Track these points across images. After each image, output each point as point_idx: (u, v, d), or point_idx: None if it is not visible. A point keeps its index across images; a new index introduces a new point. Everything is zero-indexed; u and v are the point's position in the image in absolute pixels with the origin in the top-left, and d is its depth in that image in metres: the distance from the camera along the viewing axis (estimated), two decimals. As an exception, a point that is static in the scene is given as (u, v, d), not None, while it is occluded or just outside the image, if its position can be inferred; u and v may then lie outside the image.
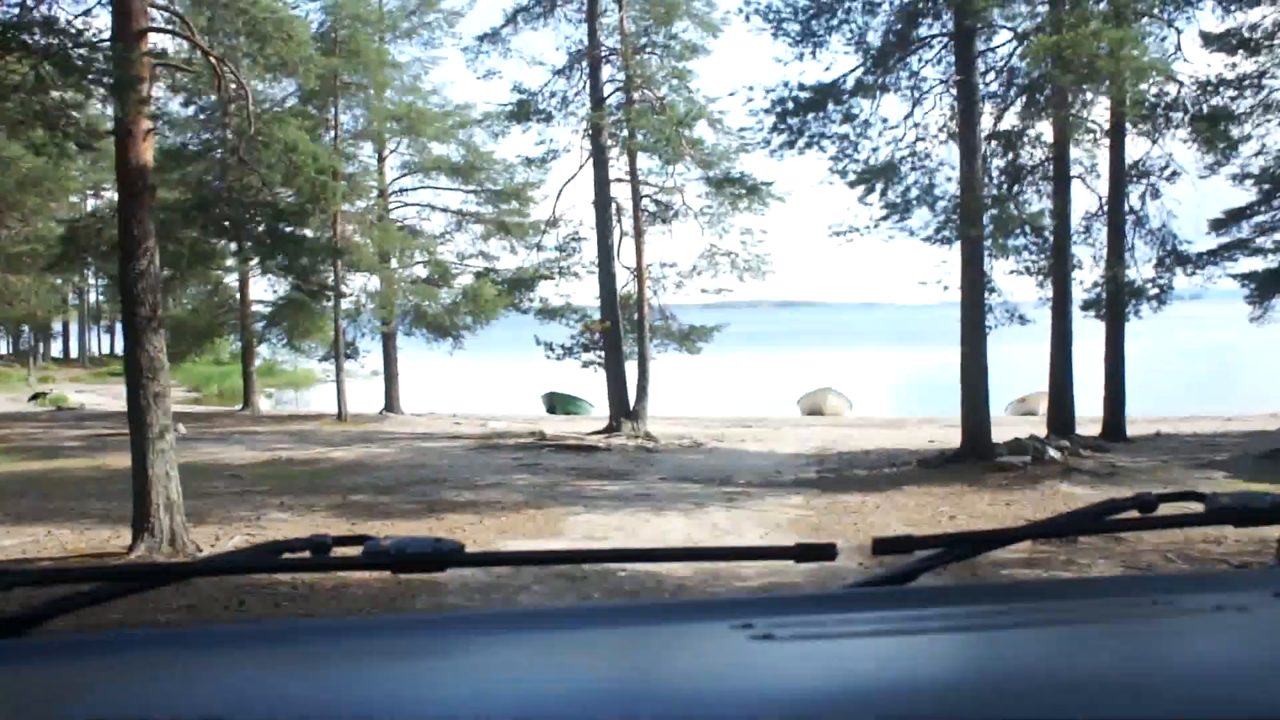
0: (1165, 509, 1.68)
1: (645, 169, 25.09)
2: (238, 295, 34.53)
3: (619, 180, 24.90)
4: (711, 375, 54.01)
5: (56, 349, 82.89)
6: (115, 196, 11.10)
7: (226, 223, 10.80)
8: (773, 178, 25.57)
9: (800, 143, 18.06)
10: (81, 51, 8.92)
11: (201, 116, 24.49)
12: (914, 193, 18.27)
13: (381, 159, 32.53)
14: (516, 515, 13.66)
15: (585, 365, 26.14)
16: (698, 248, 26.83)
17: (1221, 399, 31.80)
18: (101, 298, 64.37)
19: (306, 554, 1.49)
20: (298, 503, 15.12)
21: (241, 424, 29.47)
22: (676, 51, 24.24)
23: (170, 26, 10.97)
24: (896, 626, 1.32)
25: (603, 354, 25.05)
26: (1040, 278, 21.35)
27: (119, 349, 68.49)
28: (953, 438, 24.19)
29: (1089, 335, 21.06)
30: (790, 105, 17.81)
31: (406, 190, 33.85)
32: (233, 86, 11.09)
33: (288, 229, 12.36)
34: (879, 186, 18.19)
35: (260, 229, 12.04)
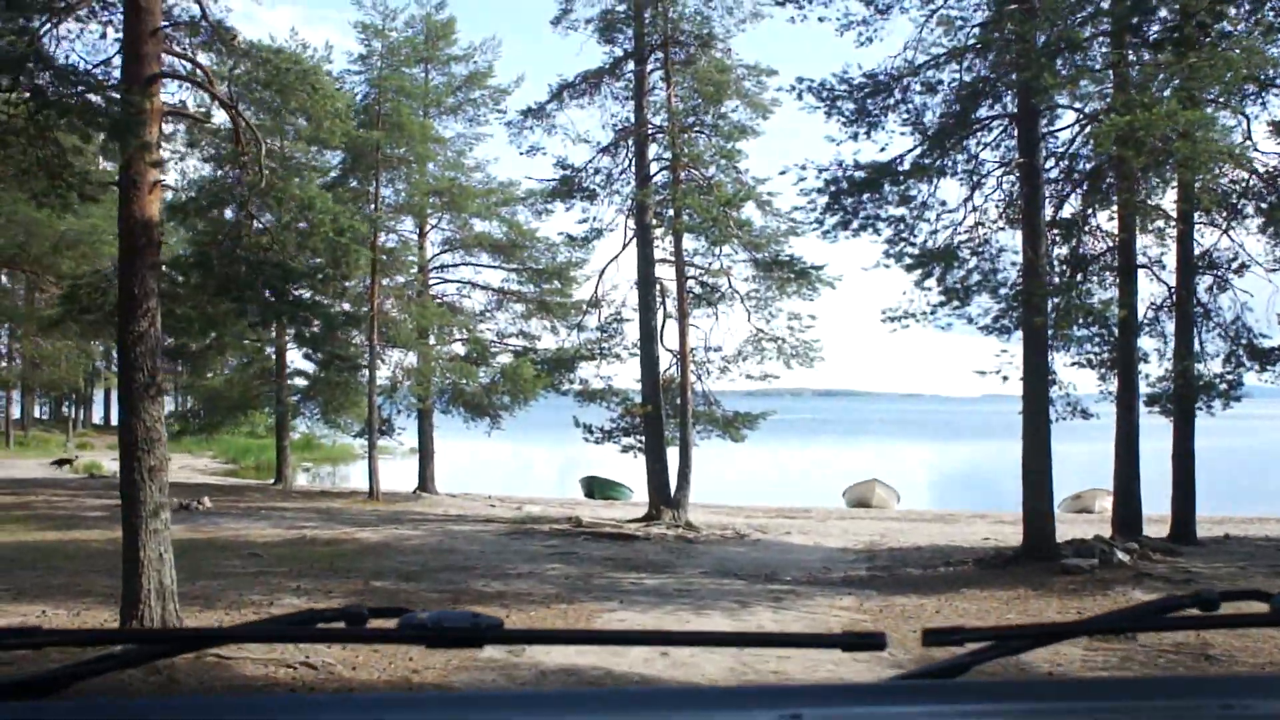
0: (1227, 608, 1.64)
1: (691, 250, 24.44)
2: (274, 367, 34.01)
3: (664, 261, 24.25)
4: (753, 463, 53.04)
5: (98, 415, 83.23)
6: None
7: (232, 285, 10.14)
8: (821, 261, 24.58)
9: (854, 224, 17.31)
10: (85, 93, 8.34)
11: (219, 173, 24.11)
12: (974, 278, 17.45)
13: (422, 234, 32.15)
14: (546, 610, 12.74)
15: (625, 450, 25.28)
16: (743, 332, 26.03)
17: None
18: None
19: (341, 624, 1.49)
20: (315, 587, 14.30)
21: (271, 499, 28.76)
22: (725, 131, 23.68)
23: (185, 74, 10.37)
24: None
25: (643, 439, 24.20)
26: (1103, 370, 20.39)
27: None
28: (1009, 535, 23.15)
29: (1148, 432, 19.93)
30: (845, 185, 17.10)
31: (447, 267, 33.44)
32: (247, 139, 10.41)
33: (301, 293, 11.68)
34: (937, 271, 17.37)
35: (267, 292, 11.23)
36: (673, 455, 23.79)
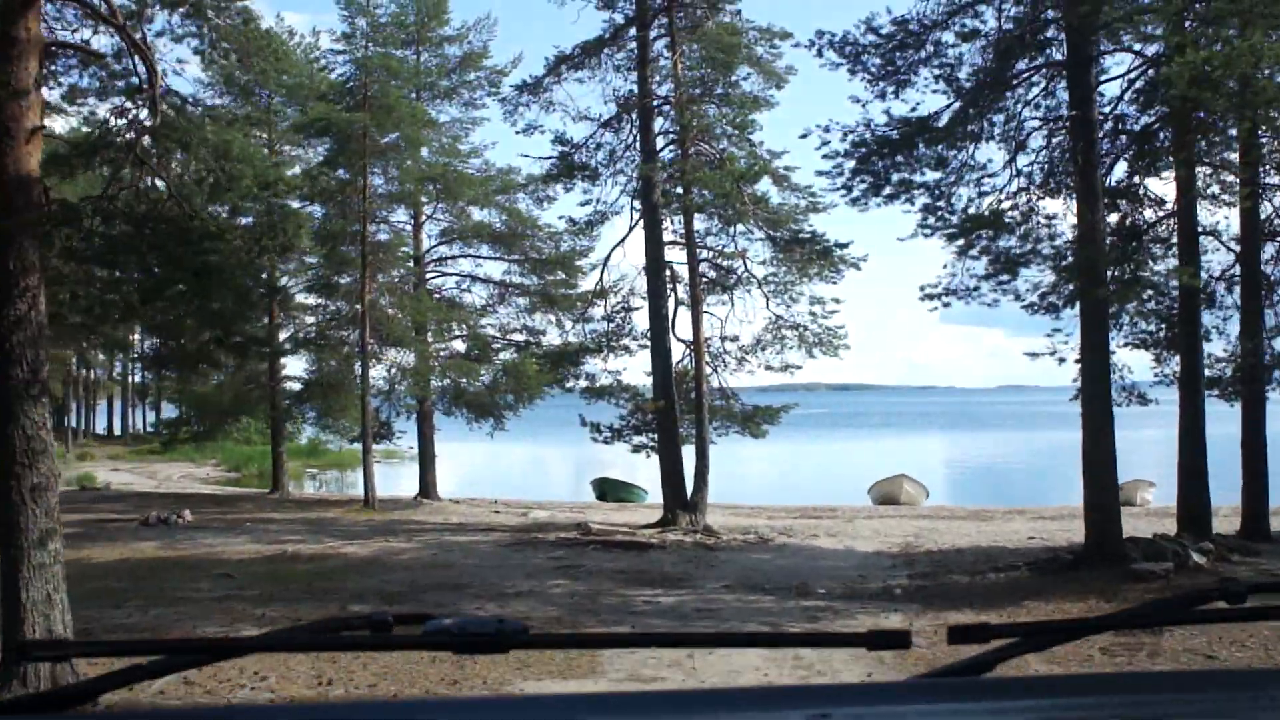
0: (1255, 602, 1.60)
1: (702, 231, 22.50)
2: (267, 370, 32.21)
3: (674, 244, 22.35)
4: (771, 460, 51.20)
5: (101, 424, 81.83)
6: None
7: (116, 249, 8.30)
8: (845, 239, 22.33)
9: (887, 190, 15.42)
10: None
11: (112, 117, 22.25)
12: (1027, 246, 15.54)
13: (418, 225, 30.34)
14: (544, 640, 10.90)
15: (636, 449, 23.38)
16: (761, 321, 24.16)
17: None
18: (148, 375, 63.04)
19: (366, 632, 1.48)
20: (283, 614, 12.51)
21: (262, 509, 27.00)
22: (737, 100, 21.73)
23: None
24: (975, 718, 1.33)
25: (655, 437, 22.32)
26: (1158, 350, 18.51)
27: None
28: (1054, 533, 21.33)
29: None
30: (875, 145, 15.22)
31: (445, 259, 31.59)
32: (147, 75, 8.52)
33: (211, 260, 9.78)
34: (982, 242, 15.47)
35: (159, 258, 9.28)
36: (688, 454, 21.89)
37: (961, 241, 15.47)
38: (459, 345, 31.02)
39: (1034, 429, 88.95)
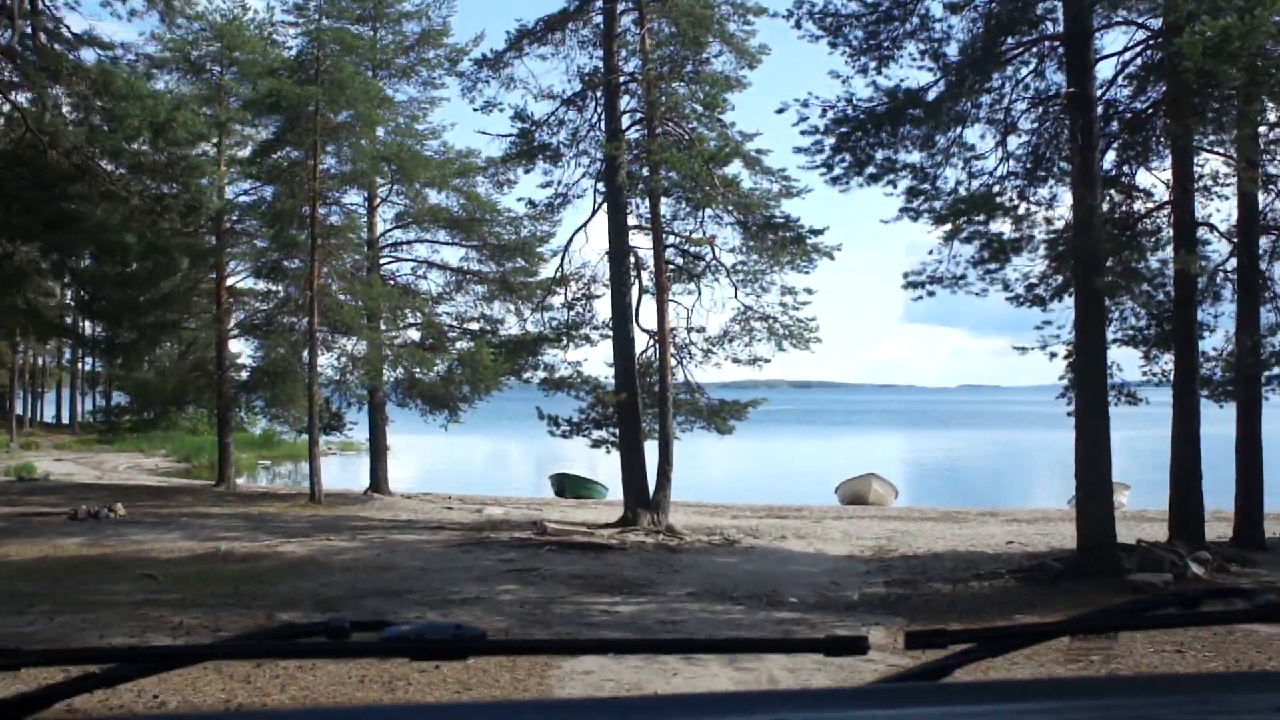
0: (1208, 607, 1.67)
1: (669, 215, 21.36)
2: (214, 357, 30.76)
3: (638, 228, 21.22)
4: (736, 457, 50.17)
5: (51, 413, 79.70)
6: None
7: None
8: (819, 225, 21.29)
9: (870, 169, 14.33)
10: None
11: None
12: (1019, 231, 14.50)
13: (372, 208, 29.03)
14: (488, 658, 9.74)
15: (596, 444, 22.23)
16: (729, 311, 23.09)
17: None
18: (99, 364, 61.25)
19: (322, 639, 1.46)
20: (201, 622, 11.29)
21: (202, 503, 25.69)
22: (707, 78, 20.57)
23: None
24: None
25: (616, 431, 21.18)
26: (1147, 348, 17.57)
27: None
28: (1031, 537, 20.45)
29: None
30: (859, 118, 14.13)
31: (400, 244, 30.31)
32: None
33: (72, 209, 8.45)
34: (973, 225, 14.42)
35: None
36: (650, 450, 20.77)
37: (949, 225, 14.43)
38: (414, 334, 29.80)
39: (998, 428, 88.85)
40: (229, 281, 30.19)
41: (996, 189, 14.98)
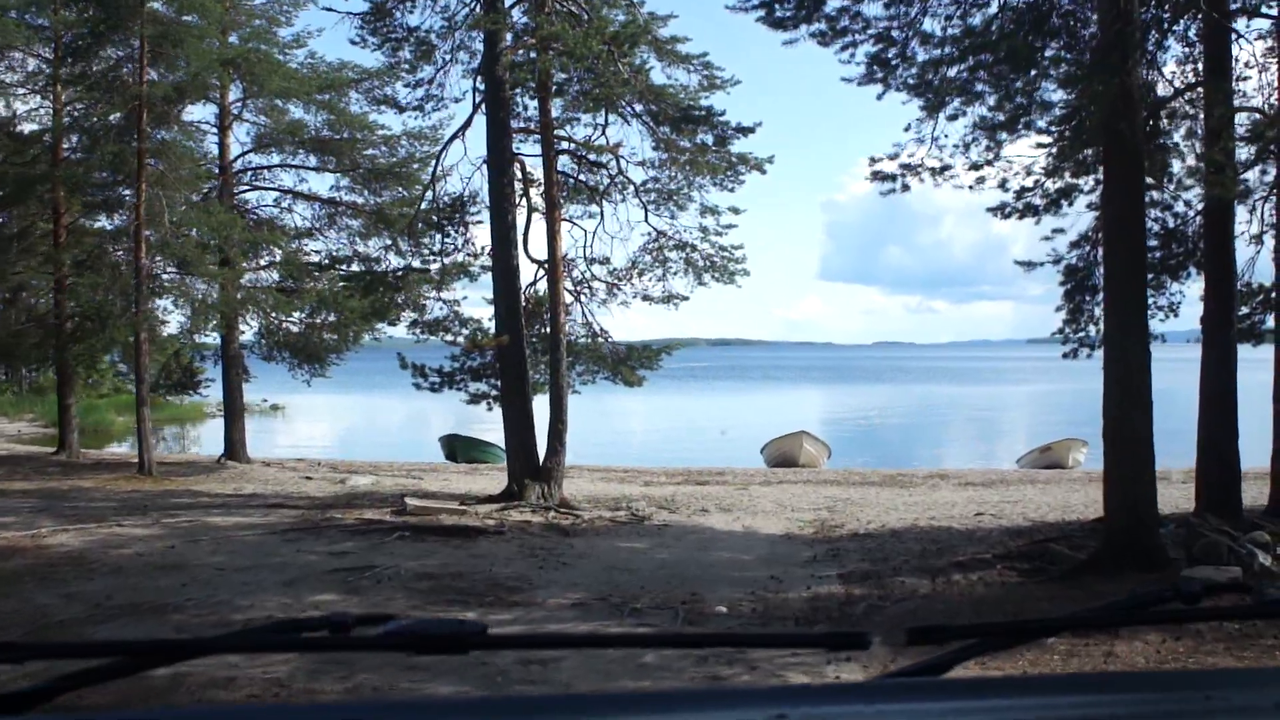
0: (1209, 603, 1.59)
1: (563, 117, 17.36)
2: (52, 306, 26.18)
3: (525, 131, 17.21)
4: (648, 416, 46.65)
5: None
6: None
7: None
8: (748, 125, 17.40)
9: (820, 17, 10.48)
10: None
11: None
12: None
13: (224, 126, 24.62)
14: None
15: (474, 399, 18.27)
16: (638, 239, 19.22)
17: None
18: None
19: (325, 633, 1.41)
20: None
21: (18, 475, 21.35)
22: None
23: None
24: (933, 719, 1.28)
25: (498, 384, 17.25)
26: (1159, 275, 14.07)
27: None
28: (998, 506, 17.17)
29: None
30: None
31: (259, 169, 25.97)
32: None
33: None
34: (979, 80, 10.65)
35: None
36: (541, 407, 16.88)
37: (931, 96, 10.66)
38: (275, 275, 25.52)
39: (920, 383, 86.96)
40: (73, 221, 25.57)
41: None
